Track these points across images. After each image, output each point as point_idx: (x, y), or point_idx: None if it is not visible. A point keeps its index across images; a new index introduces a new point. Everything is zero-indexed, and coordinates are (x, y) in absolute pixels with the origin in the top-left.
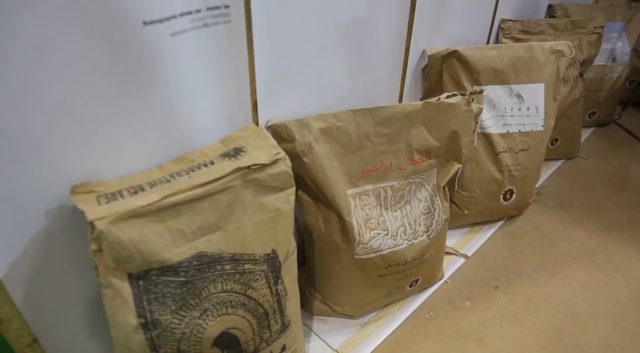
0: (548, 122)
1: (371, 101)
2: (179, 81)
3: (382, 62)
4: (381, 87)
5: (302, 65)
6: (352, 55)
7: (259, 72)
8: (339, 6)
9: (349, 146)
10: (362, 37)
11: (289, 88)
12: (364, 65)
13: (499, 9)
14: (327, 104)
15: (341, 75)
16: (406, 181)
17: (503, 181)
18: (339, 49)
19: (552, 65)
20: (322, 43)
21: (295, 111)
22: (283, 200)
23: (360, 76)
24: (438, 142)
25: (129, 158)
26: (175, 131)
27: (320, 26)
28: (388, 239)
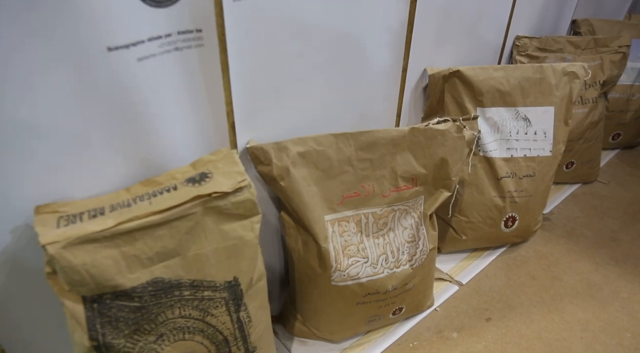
0: (557, 147)
1: (365, 122)
2: (150, 105)
3: (376, 81)
4: (376, 107)
5: (287, 86)
6: (343, 75)
7: (237, 94)
8: (327, 25)
9: (329, 171)
10: (353, 56)
11: (273, 109)
12: (356, 85)
13: (513, 24)
14: (317, 125)
15: (331, 96)
16: (389, 208)
17: (504, 207)
18: (328, 69)
19: (564, 88)
20: (308, 63)
21: (281, 132)
22: (247, 228)
23: (353, 97)
24: (425, 169)
25: (97, 179)
26: (147, 153)
27: (305, 46)
28: (367, 267)
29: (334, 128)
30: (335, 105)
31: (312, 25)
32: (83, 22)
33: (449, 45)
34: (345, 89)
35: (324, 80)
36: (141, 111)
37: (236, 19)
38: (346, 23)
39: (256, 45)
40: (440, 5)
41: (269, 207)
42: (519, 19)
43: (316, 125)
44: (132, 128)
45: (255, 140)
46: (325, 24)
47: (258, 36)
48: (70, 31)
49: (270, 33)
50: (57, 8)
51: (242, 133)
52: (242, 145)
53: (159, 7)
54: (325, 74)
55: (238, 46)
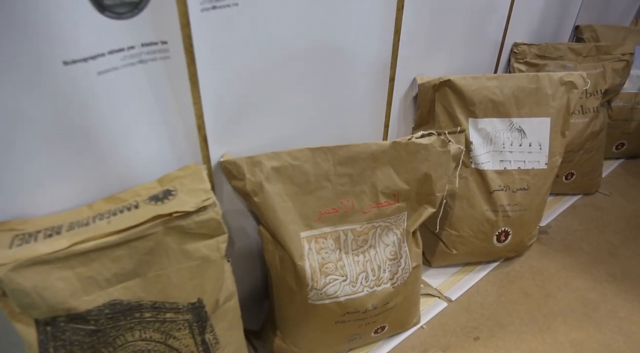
0: (553, 159)
1: (350, 134)
2: (113, 119)
3: (361, 92)
4: (362, 119)
5: (264, 98)
6: (324, 86)
7: (208, 107)
8: (306, 34)
9: (305, 186)
10: (335, 66)
11: (249, 122)
12: (339, 96)
13: (510, 30)
14: (298, 138)
15: (312, 108)
16: (370, 225)
17: (497, 221)
18: (308, 80)
19: (562, 98)
20: (286, 74)
21: (259, 145)
22: (212, 248)
23: (336, 109)
24: (407, 185)
25: (60, 196)
26: (112, 169)
27: (282, 56)
28: (346, 285)
29: (316, 141)
30: (317, 117)
31: (289, 35)
32: (34, 35)
33: (441, 53)
34: (327, 101)
35: (304, 91)
36: (104, 126)
37: (205, 30)
38: (326, 32)
39: (228, 56)
40: (430, 11)
41: (249, 219)
42: (516, 25)
43: (297, 138)
44: (94, 143)
45: (231, 153)
46: (303, 33)
47: (230, 47)
48: (20, 45)
49: (243, 44)
50: (2, 22)
51: (215, 146)
52: (217, 158)
53: (119, 19)
54: (304, 85)
55: (208, 58)
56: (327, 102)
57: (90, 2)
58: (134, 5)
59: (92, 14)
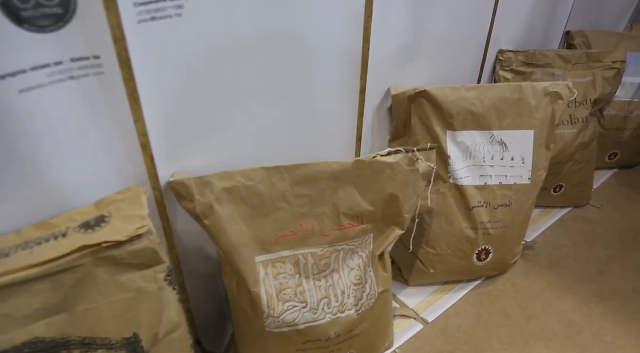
0: (537, 174)
1: (318, 150)
2: (41, 140)
3: (329, 105)
4: (330, 133)
5: (217, 112)
6: (287, 100)
7: (153, 125)
8: (264, 45)
9: (260, 208)
10: (298, 77)
11: (203, 139)
12: (305, 110)
13: (494, 37)
14: (261, 154)
15: (274, 123)
16: (332, 248)
17: (477, 240)
18: (269, 93)
19: (546, 110)
20: (243, 87)
21: (216, 163)
22: (149, 279)
23: (301, 123)
24: (372, 206)
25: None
26: (41, 192)
27: (238, 68)
28: (306, 313)
29: (282, 157)
30: (280, 133)
31: (245, 46)
32: None
33: (419, 63)
34: (291, 115)
35: (265, 105)
36: (30, 147)
37: (144, 43)
38: (287, 42)
39: (173, 70)
40: (404, 18)
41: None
42: (501, 31)
43: (259, 154)
44: (19, 165)
45: (184, 172)
46: (261, 43)
47: (174, 60)
48: None
49: (192, 56)
50: None
51: (165, 166)
52: (168, 178)
53: (42, 32)
54: (265, 99)
55: (149, 72)
56: (291, 116)
57: (5, 15)
58: (58, 17)
59: (8, 27)
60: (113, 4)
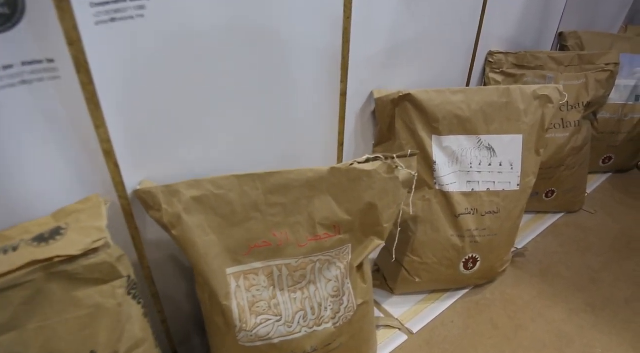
0: (526, 180)
1: (297, 156)
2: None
3: (307, 109)
4: (309, 139)
5: (188, 118)
6: (263, 104)
7: (116, 130)
8: (237, 46)
9: (231, 217)
10: (274, 80)
11: (172, 145)
12: (281, 114)
13: (483, 38)
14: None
15: (249, 128)
16: (307, 259)
17: (463, 248)
18: (243, 96)
19: (535, 113)
20: (215, 90)
21: (188, 170)
22: (106, 294)
23: (278, 128)
24: (349, 215)
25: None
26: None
27: (209, 70)
28: (280, 326)
29: (257, 165)
30: (255, 138)
31: (215, 47)
32: None
33: (403, 65)
34: (266, 120)
35: (238, 109)
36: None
37: (103, 45)
38: (260, 42)
39: (135, 72)
40: (386, 18)
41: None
42: (491, 32)
43: (232, 162)
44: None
45: (152, 180)
46: (233, 43)
47: (137, 62)
48: None
49: (156, 59)
50: None
51: (131, 173)
52: (135, 186)
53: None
54: (238, 103)
55: (110, 76)
56: (267, 120)
57: None
58: (6, 18)
59: None
60: (66, 5)
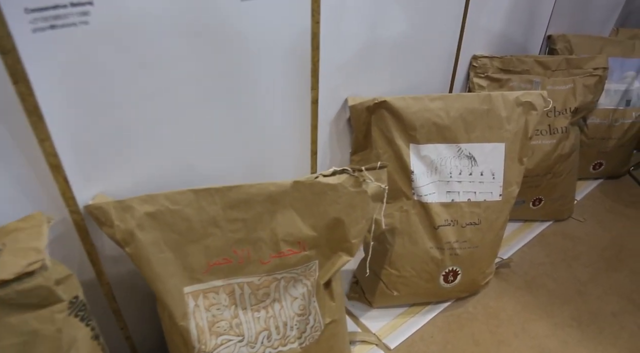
0: (508, 190)
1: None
2: None
3: (275, 118)
4: (278, 149)
5: (142, 129)
6: (225, 114)
7: (63, 144)
8: (195, 52)
9: (188, 234)
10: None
11: (126, 158)
12: (246, 124)
13: (466, 41)
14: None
15: (210, 140)
16: (271, 277)
17: (443, 260)
18: (202, 106)
19: (518, 121)
20: (171, 99)
21: (146, 183)
22: (44, 320)
23: (242, 139)
24: (314, 231)
25: None
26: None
27: (164, 79)
28: (243, 347)
29: (222, 176)
30: (219, 148)
31: (171, 53)
32: None
33: (380, 70)
34: (231, 129)
35: (198, 118)
36: None
37: (42, 54)
38: (220, 48)
39: (82, 83)
40: (358, 22)
41: None
42: (474, 36)
43: (195, 173)
44: None
45: (108, 194)
46: (190, 49)
47: (83, 72)
48: None
49: (103, 67)
50: None
51: (83, 187)
52: (88, 200)
53: None
54: (198, 111)
55: (52, 86)
56: (231, 130)
57: None
58: None
59: None
60: None
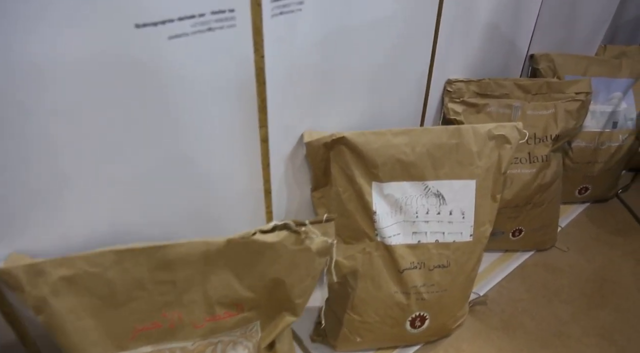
0: (480, 230)
1: (216, 211)
2: None
3: (219, 159)
4: (230, 189)
5: (66, 180)
6: (164, 159)
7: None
8: (124, 94)
9: (111, 298)
10: (176, 131)
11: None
12: (188, 165)
13: (438, 65)
14: (131, 227)
15: (147, 190)
16: (206, 341)
17: (409, 305)
18: (136, 153)
19: (490, 156)
20: (98, 146)
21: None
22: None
23: (186, 181)
24: (252, 293)
25: None
26: None
27: (85, 125)
28: None
29: (159, 229)
30: (154, 202)
31: (91, 101)
32: None
33: (342, 103)
34: (167, 179)
35: (126, 169)
36: None
37: None
38: (148, 91)
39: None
40: (312, 54)
41: None
42: (448, 59)
43: (126, 231)
44: None
45: (26, 252)
46: (113, 94)
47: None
48: None
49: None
50: None
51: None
52: (2, 259)
53: None
54: (125, 162)
55: None
56: (167, 175)
57: None
58: None
59: None
60: None
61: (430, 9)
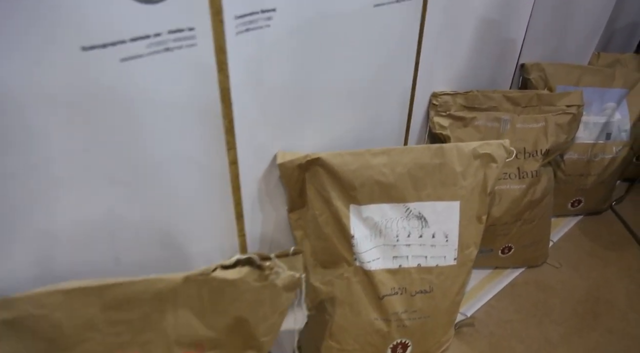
0: (464, 252)
1: (183, 238)
2: None
3: (187, 182)
4: (197, 214)
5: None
6: (123, 188)
7: None
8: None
9: (59, 341)
10: (135, 159)
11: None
12: (150, 195)
13: (422, 78)
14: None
15: (102, 222)
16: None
17: (389, 333)
18: (89, 183)
19: (476, 175)
20: (46, 177)
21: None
22: None
23: (148, 213)
24: (214, 332)
25: None
26: None
27: (32, 155)
28: None
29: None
30: (108, 235)
31: (34, 129)
32: None
33: (319, 121)
34: (126, 208)
35: (79, 201)
36: None
37: None
38: (100, 116)
39: None
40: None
41: None
42: (433, 71)
43: (80, 268)
44: None
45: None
46: (60, 121)
47: None
48: None
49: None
50: None
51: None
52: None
53: None
54: (77, 193)
55: None
56: (128, 206)
57: None
58: None
59: None
60: None
61: (413, 17)
